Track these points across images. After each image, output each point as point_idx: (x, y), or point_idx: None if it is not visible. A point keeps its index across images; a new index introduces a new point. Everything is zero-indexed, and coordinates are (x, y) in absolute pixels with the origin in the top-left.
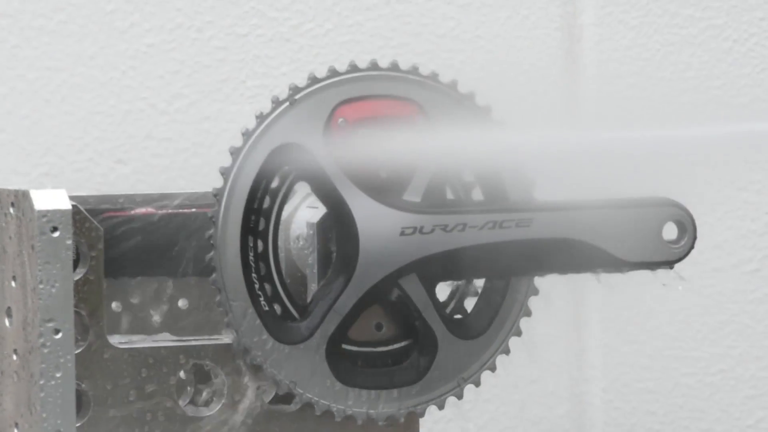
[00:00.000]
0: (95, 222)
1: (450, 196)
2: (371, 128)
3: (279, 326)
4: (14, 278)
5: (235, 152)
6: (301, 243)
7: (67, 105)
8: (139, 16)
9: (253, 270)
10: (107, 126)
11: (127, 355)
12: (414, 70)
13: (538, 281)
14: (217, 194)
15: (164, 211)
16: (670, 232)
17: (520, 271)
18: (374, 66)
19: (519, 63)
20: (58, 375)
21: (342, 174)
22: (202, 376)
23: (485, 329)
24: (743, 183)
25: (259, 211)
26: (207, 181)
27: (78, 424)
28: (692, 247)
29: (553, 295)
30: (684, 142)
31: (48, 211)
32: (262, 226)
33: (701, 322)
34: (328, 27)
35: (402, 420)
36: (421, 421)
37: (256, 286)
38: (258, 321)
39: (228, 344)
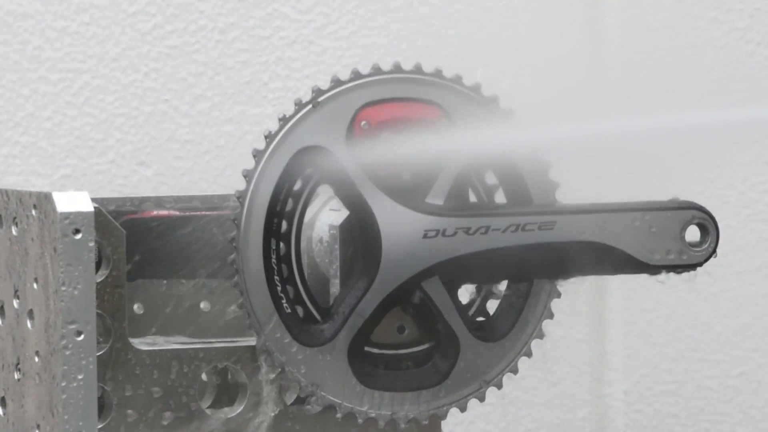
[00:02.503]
0: (117, 224)
1: (473, 198)
2: (394, 131)
3: (301, 329)
4: (36, 280)
5: (257, 155)
6: (323, 245)
7: (90, 107)
8: (161, 18)
9: (276, 272)
10: (129, 128)
11: (149, 357)
12: (437, 73)
13: (561, 284)
14: (240, 197)
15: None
16: (692, 234)
17: (543, 274)
18: (397, 68)
19: (542, 65)
20: (80, 377)
21: (365, 176)
22: (224, 379)
23: (508, 332)
24: (766, 186)
25: (282, 213)
26: (229, 184)
27: (100, 426)
28: (715, 250)
29: (575, 298)
30: (706, 141)
31: (70, 213)
32: (284, 228)
33: (723, 325)
34: (352, 29)
35: (424, 422)
36: (443, 423)
37: (279, 288)
38: (280, 323)
39: (251, 346)
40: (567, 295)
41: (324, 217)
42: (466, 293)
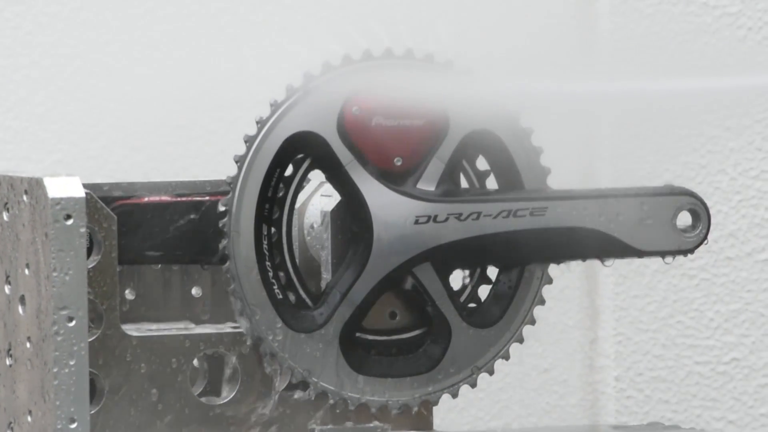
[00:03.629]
0: (109, 209)
1: (464, 184)
2: (385, 116)
3: (293, 314)
4: (28, 266)
5: (249, 140)
6: (315, 231)
7: (81, 92)
8: (153, 3)
9: (267, 258)
10: (121, 113)
11: (140, 343)
12: (429, 58)
13: (552, 270)
14: (231, 182)
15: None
16: (684, 220)
17: (534, 260)
18: (389, 54)
19: (534, 52)
20: (71, 363)
21: (356, 162)
22: (215, 364)
23: (499, 318)
24: (757, 172)
25: (273, 199)
26: (221, 169)
27: (91, 412)
28: (706, 236)
29: (566, 284)
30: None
31: (62, 199)
32: (276, 214)
33: (714, 311)
34: (343, 15)
35: (416, 408)
36: (435, 409)
37: (270, 274)
38: (272, 309)
39: (241, 332)
40: (558, 281)
41: (315, 202)
42: (459, 278)
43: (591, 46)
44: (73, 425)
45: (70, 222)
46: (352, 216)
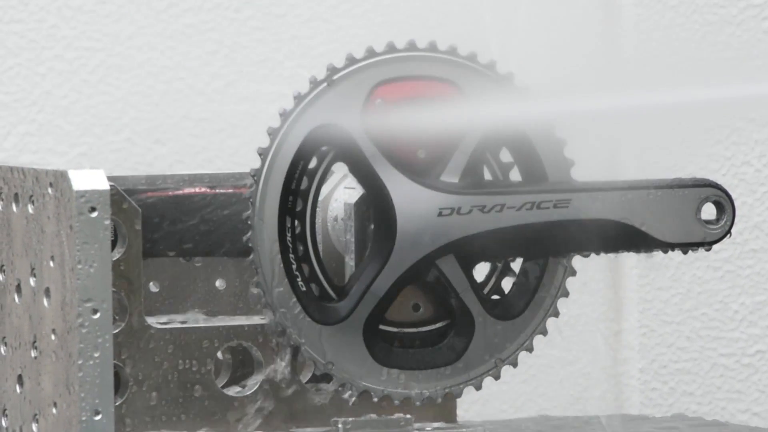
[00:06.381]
0: (133, 202)
1: (488, 176)
2: (409, 107)
3: (316, 307)
4: (53, 258)
5: (272, 133)
6: (338, 224)
7: (105, 85)
8: None
9: (291, 250)
10: (145, 106)
11: (164, 336)
12: (452, 51)
13: (576, 262)
14: (255, 175)
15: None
16: (708, 212)
17: (558, 252)
18: (412, 46)
19: (557, 43)
20: (96, 355)
21: (379, 155)
22: (239, 357)
23: (523, 310)
24: None
25: (297, 191)
26: (244, 162)
27: (116, 404)
28: (731, 227)
29: (590, 276)
30: (722, 118)
31: (86, 192)
32: (299, 206)
33: (739, 303)
34: (366, 7)
35: (439, 400)
36: (458, 401)
37: (294, 266)
38: (295, 302)
39: (265, 324)
40: (582, 273)
41: (339, 195)
42: (485, 270)
43: (614, 39)
44: (98, 417)
45: (94, 214)
46: (375, 208)
